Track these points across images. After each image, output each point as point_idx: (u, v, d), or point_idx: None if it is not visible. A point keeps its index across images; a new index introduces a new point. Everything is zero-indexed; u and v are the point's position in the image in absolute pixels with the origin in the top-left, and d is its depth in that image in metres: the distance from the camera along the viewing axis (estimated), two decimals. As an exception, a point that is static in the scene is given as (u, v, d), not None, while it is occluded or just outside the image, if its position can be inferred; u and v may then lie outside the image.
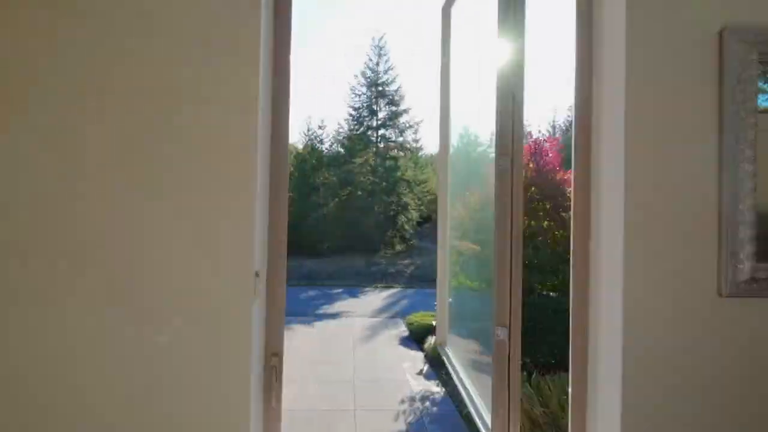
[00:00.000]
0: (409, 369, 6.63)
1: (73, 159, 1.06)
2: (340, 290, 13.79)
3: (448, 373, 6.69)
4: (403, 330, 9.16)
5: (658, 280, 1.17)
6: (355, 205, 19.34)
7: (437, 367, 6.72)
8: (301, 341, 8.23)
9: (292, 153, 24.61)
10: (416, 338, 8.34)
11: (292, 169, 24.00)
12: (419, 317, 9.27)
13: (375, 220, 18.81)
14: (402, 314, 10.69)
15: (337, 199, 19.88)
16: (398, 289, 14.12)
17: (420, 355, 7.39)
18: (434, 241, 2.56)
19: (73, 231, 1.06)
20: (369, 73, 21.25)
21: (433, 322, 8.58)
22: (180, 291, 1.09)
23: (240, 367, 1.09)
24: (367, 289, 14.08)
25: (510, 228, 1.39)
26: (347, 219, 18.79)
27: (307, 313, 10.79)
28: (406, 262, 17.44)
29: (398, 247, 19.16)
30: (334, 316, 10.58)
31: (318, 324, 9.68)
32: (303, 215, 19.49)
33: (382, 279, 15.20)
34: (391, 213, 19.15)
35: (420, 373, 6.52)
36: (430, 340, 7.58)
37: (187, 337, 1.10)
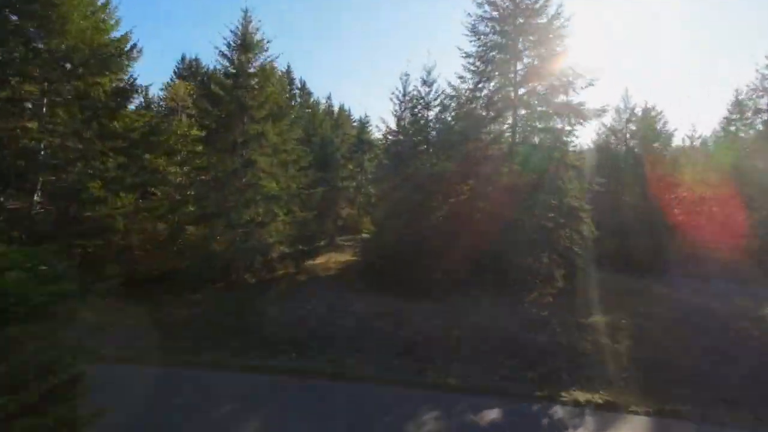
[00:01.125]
0: None
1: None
2: (474, 398, 6.47)
3: None
4: None
5: None
6: (483, 209, 11.75)
7: None
8: None
9: (380, 131, 17.31)
10: None
11: (379, 151, 17.08)
12: None
13: (519, 234, 11.00)
14: None
15: (452, 200, 12.48)
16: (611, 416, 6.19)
17: None
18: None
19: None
20: (503, -4, 13.28)
21: None
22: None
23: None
24: (535, 406, 6.45)
25: None
26: (471, 232, 11.29)
27: None
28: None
29: (560, 283, 11.18)
30: None
31: None
32: (395, 225, 12.34)
33: (549, 364, 7.51)
34: (549, 224, 11.15)
35: None
36: None
37: None
